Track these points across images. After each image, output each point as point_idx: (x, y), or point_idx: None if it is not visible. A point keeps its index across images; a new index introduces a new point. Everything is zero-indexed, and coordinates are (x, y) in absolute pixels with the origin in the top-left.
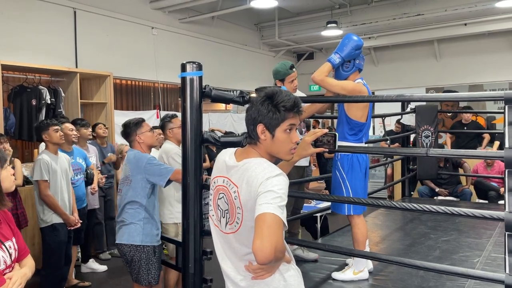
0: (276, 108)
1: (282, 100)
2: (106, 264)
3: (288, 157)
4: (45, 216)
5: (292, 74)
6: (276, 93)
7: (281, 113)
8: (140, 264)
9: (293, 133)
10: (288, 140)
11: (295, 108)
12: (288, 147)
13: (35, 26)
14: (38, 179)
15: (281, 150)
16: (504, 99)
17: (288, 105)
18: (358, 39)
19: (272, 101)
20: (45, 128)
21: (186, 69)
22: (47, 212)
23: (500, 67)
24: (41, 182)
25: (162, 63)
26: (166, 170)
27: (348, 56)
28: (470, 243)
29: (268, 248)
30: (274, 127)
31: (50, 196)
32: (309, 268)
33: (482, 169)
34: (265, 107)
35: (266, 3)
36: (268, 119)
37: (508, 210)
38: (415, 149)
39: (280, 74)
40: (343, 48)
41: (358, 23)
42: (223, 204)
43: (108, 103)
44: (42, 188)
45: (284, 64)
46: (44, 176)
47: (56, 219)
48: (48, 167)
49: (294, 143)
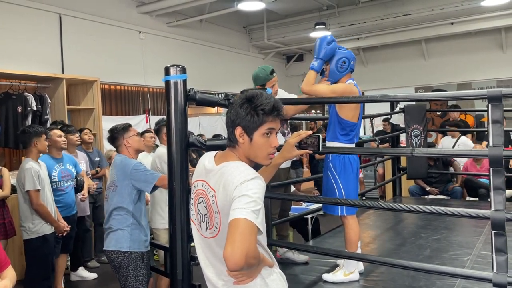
0: (255, 111)
1: (262, 103)
2: (96, 272)
3: (266, 162)
4: (35, 227)
5: (273, 79)
6: (256, 96)
7: (259, 117)
8: (128, 271)
9: (272, 138)
10: (266, 144)
11: (274, 112)
12: (266, 152)
13: (19, 32)
14: (30, 188)
15: (258, 155)
16: (487, 97)
17: (267, 108)
18: (325, 36)
19: (251, 104)
20: (38, 135)
21: (170, 73)
22: (38, 223)
23: (488, 65)
24: (33, 192)
25: (150, 67)
26: (151, 176)
27: (326, 55)
28: (461, 241)
29: (238, 255)
30: (252, 131)
31: (43, 206)
32: (300, 271)
33: (472, 167)
34: (243, 109)
35: (254, 6)
36: (246, 122)
37: (494, 209)
38: (400, 148)
39: (261, 80)
40: (319, 50)
41: (346, 24)
42: (202, 208)
43: (96, 109)
44: (35, 197)
45: (264, 69)
46: (37, 185)
47: (47, 230)
48: (38, 175)
49: (273, 148)
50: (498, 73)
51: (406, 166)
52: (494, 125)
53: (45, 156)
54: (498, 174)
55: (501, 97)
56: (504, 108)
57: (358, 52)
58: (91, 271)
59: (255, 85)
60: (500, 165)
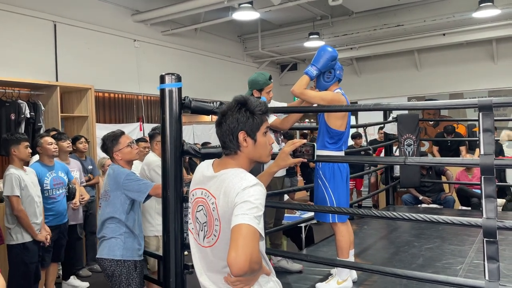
0: (253, 114)
1: (257, 105)
2: (88, 281)
3: (268, 159)
4: (15, 234)
5: (271, 85)
6: (249, 100)
7: (258, 118)
8: (121, 279)
9: (268, 136)
10: (267, 142)
11: (267, 111)
12: (268, 150)
13: (14, 40)
14: (8, 194)
15: (263, 154)
16: (478, 106)
17: (263, 108)
18: (333, 50)
19: (247, 108)
20: (16, 142)
21: (165, 81)
22: (18, 230)
23: (479, 76)
24: (13, 197)
25: (145, 75)
26: (145, 185)
27: (324, 67)
28: (453, 250)
29: (242, 260)
30: (255, 132)
31: (23, 211)
32: (294, 280)
33: (464, 177)
34: (242, 114)
35: (249, 15)
36: (248, 126)
37: (486, 217)
38: (393, 157)
39: (260, 84)
40: (319, 59)
41: (339, 34)
42: (201, 216)
43: (90, 116)
44: (15, 203)
45: (263, 74)
46: (15, 191)
47: (27, 238)
48: (19, 181)
49: (270, 145)
50: (490, 84)
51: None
52: (485, 134)
53: (36, 164)
54: (490, 182)
55: (492, 106)
56: (495, 117)
57: (352, 62)
58: (83, 280)
59: (251, 90)
60: (492, 173)
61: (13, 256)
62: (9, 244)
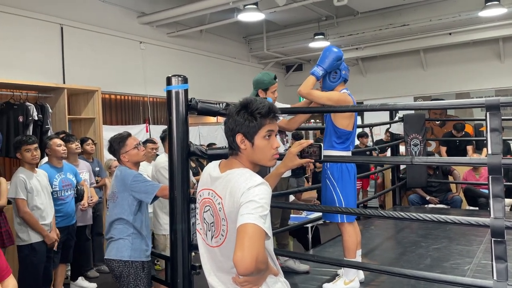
0: (252, 116)
1: (257, 107)
2: (95, 282)
3: (271, 163)
4: (23, 235)
5: (275, 85)
6: (251, 102)
7: (257, 121)
8: (129, 280)
9: (272, 139)
10: (268, 146)
11: (271, 114)
12: (270, 153)
13: (21, 43)
14: (13, 196)
15: (263, 157)
16: (485, 106)
17: (263, 111)
18: (338, 51)
19: (247, 110)
20: (18, 147)
21: (172, 83)
22: (25, 230)
23: (486, 75)
24: (18, 200)
25: (151, 77)
26: (152, 187)
27: (330, 68)
28: (461, 250)
29: (248, 259)
30: (252, 135)
31: (29, 213)
32: (301, 280)
33: (471, 177)
34: (241, 116)
35: (254, 16)
36: (245, 128)
37: (494, 216)
38: (400, 157)
39: (265, 84)
40: (325, 60)
41: (345, 34)
42: (208, 217)
43: (97, 118)
44: (20, 205)
45: (268, 74)
46: (20, 194)
47: (35, 238)
48: (25, 184)
49: (275, 149)
50: (496, 83)
51: (406, 175)
52: (492, 134)
53: (45, 165)
54: (497, 182)
55: (499, 106)
56: (503, 117)
57: (357, 62)
58: (91, 281)
59: (256, 90)
60: (499, 173)
61: (22, 257)
62: (18, 245)
